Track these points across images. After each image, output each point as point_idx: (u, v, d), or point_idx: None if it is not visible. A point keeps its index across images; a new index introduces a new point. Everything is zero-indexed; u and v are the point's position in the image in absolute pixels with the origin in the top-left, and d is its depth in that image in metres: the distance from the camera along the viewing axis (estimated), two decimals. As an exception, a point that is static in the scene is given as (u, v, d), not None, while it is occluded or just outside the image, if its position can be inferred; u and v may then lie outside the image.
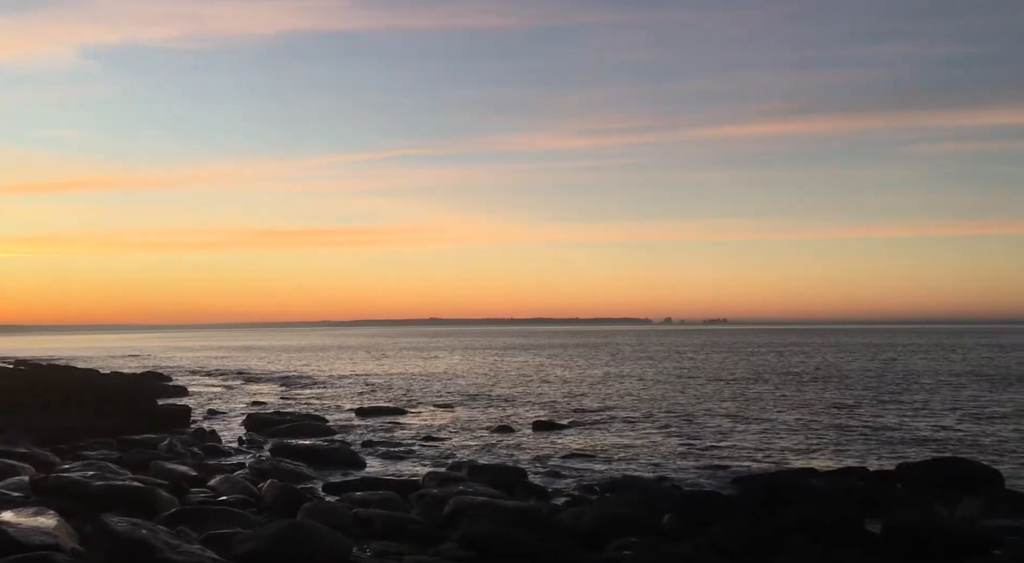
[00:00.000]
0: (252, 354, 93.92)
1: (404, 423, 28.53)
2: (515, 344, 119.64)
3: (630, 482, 16.61)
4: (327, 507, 13.10)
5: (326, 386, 45.93)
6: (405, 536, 11.87)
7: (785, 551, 10.64)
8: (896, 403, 32.82)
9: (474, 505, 13.06)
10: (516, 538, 11.13)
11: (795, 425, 26.57)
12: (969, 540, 10.96)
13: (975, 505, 14.14)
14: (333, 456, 20.18)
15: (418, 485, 16.22)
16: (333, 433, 25.50)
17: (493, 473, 17.17)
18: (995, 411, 29.73)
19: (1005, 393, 36.40)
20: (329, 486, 16.40)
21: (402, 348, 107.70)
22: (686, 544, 11.06)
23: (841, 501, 13.24)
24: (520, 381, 47.53)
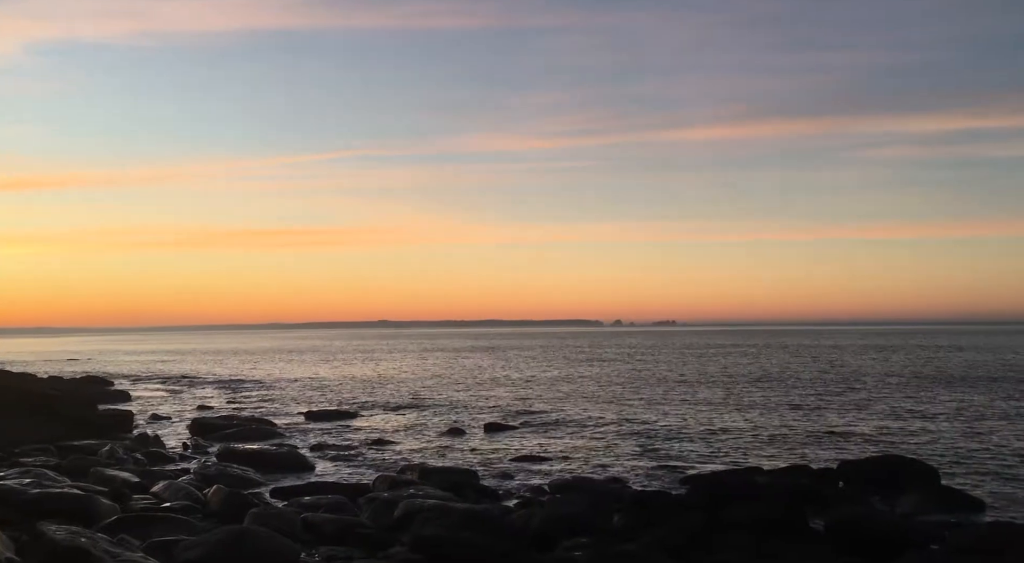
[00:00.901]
0: (198, 357, 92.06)
1: (354, 426, 28.26)
2: (467, 346, 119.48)
3: (580, 483, 16.71)
4: (275, 512, 12.91)
5: (275, 389, 45.26)
6: (354, 540, 11.77)
7: (730, 548, 10.84)
8: (839, 403, 33.64)
9: (425, 508, 13.01)
10: (467, 541, 11.12)
11: (742, 425, 27.05)
12: (906, 535, 11.29)
13: (912, 501, 14.59)
14: (281, 461, 19.90)
15: (368, 489, 16.10)
16: (281, 437, 25.14)
17: (444, 476, 17.12)
18: (933, 410, 30.68)
19: (943, 393, 37.59)
20: (277, 491, 16.16)
21: (352, 351, 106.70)
22: (635, 543, 11.17)
23: (785, 499, 13.51)
24: (472, 383, 47.48)
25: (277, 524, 11.74)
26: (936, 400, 34.07)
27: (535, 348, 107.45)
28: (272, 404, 36.75)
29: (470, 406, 34.60)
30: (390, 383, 48.41)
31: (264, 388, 46.28)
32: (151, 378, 56.25)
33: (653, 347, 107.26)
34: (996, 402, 32.87)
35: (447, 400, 37.34)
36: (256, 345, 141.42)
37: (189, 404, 37.31)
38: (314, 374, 58.39)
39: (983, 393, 36.79)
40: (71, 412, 24.63)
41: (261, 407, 35.44)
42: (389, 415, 31.71)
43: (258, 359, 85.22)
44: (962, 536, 10.97)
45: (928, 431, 25.03)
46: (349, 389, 44.57)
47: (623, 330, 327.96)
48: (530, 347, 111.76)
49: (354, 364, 72.44)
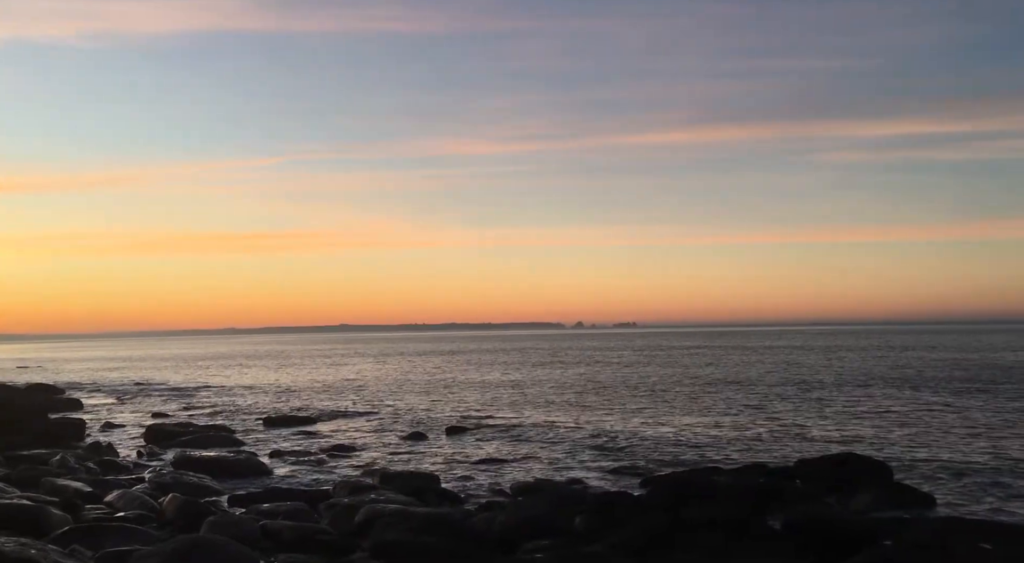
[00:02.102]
0: (153, 364, 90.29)
1: (314, 432, 27.95)
2: (428, 350, 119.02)
3: (542, 485, 16.74)
4: (232, 520, 12.70)
5: (232, 396, 44.56)
6: (315, 547, 11.63)
7: (691, 548, 10.94)
8: (795, 402, 34.20)
9: (386, 513, 12.91)
10: (429, 545, 11.06)
11: (702, 426, 27.36)
12: (860, 532, 11.51)
13: (866, 498, 14.89)
14: (239, 467, 19.59)
15: (328, 495, 15.93)
16: (239, 444, 24.75)
17: (405, 480, 17.02)
18: (886, 409, 31.35)
19: (895, 392, 38.43)
20: (235, 498, 15.90)
21: (312, 355, 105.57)
22: (597, 545, 11.22)
23: (743, 498, 13.69)
24: (432, 387, 47.29)
25: (235, 532, 11.54)
26: (889, 399, 34.83)
27: (496, 351, 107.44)
28: (229, 410, 36.18)
29: (431, 410, 34.46)
30: (350, 388, 48.00)
31: (221, 394, 45.55)
32: (104, 386, 55.00)
33: (614, 349, 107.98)
34: (947, 400, 33.71)
35: (408, 404, 37.13)
36: (213, 350, 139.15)
37: (143, 412, 36.56)
38: (272, 379, 57.64)
39: (934, 391, 37.70)
40: (20, 421, 23.95)
41: (218, 414, 34.87)
42: (349, 420, 31.43)
43: (215, 365, 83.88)
44: (914, 532, 11.21)
45: (881, 429, 25.56)
46: (308, 394, 44.08)
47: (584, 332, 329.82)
48: (491, 350, 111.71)
49: (313, 369, 71.67)
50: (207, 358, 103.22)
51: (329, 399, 40.72)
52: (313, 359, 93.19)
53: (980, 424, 26.09)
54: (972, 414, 28.80)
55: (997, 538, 10.68)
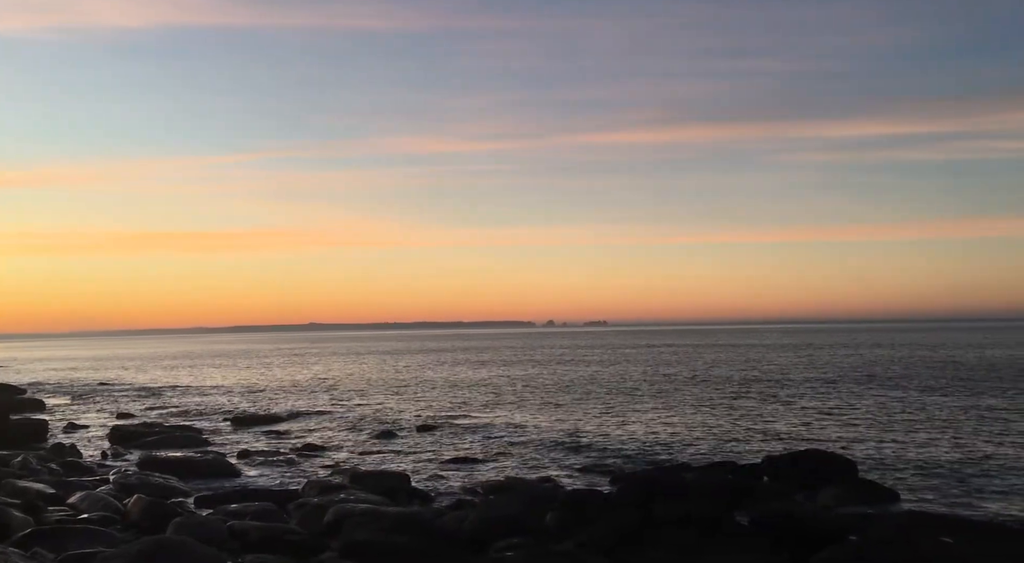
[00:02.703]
0: (119, 364, 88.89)
1: (283, 431, 27.69)
2: (398, 348, 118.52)
3: (513, 484, 16.75)
4: (199, 521, 12.55)
5: (199, 395, 44.01)
6: (283, 547, 11.51)
7: (661, 545, 11.01)
8: (763, 400, 34.57)
9: (356, 513, 12.84)
10: (399, 544, 11.01)
11: (672, 424, 27.56)
12: (827, 528, 11.67)
13: (832, 494, 15.11)
14: (206, 468, 19.36)
15: (297, 495, 15.79)
16: (207, 444, 24.44)
17: (376, 479, 16.93)
18: (851, 406, 31.81)
19: (861, 389, 39.01)
20: (201, 499, 15.70)
21: (281, 354, 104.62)
22: (567, 543, 11.25)
23: (712, 495, 13.81)
24: (403, 386, 47.10)
25: (201, 533, 11.40)
26: (855, 396, 35.34)
27: (467, 350, 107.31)
28: (197, 411, 35.72)
29: (401, 409, 34.31)
30: (319, 387, 47.64)
31: (188, 394, 44.96)
32: (67, 386, 54.00)
33: (585, 348, 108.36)
34: (912, 397, 34.28)
35: (378, 403, 36.94)
36: (180, 350, 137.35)
37: (108, 412, 35.97)
38: (241, 379, 57.03)
39: (899, 389, 38.32)
40: (-20, 422, 23.43)
41: (185, 414, 34.42)
42: (319, 419, 31.19)
43: (182, 364, 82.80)
44: (878, 527, 11.38)
45: (847, 426, 25.93)
46: (277, 394, 43.68)
47: (555, 331, 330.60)
48: (462, 349, 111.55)
49: (283, 368, 71.04)
50: (174, 358, 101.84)
51: (298, 399, 40.38)
52: (282, 358, 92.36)
53: (943, 421, 26.58)
54: (935, 411, 29.32)
55: (959, 532, 10.87)
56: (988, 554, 9.94)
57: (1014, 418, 26.85)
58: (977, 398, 33.33)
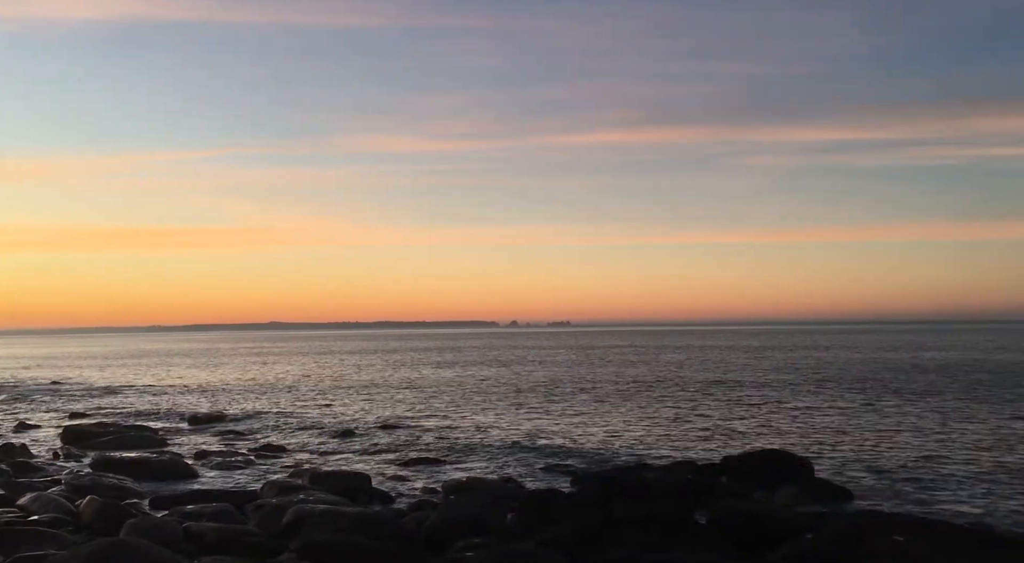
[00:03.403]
0: (73, 362, 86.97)
1: (242, 431, 27.34)
2: (360, 348, 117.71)
3: (474, 484, 16.74)
4: (154, 523, 12.32)
5: (156, 395, 43.24)
6: (240, 549, 11.36)
7: (621, 544, 11.08)
8: (723, 401, 34.99)
9: (315, 513, 12.71)
10: (358, 545, 10.93)
11: (633, 424, 27.77)
12: (783, 526, 11.85)
13: (789, 493, 15.35)
14: (162, 469, 19.02)
15: (256, 496, 15.60)
16: (163, 444, 24.04)
17: (336, 480, 16.79)
18: (807, 406, 32.34)
19: (817, 389, 39.68)
20: (157, 500, 15.44)
21: (241, 353, 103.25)
22: (528, 542, 11.27)
23: (672, 495, 13.94)
24: (364, 386, 46.79)
25: (156, 535, 11.20)
26: (812, 397, 35.94)
27: (430, 350, 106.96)
28: (153, 410, 35.10)
29: (362, 409, 34.09)
30: (280, 386, 47.12)
31: (144, 394, 44.14)
32: (18, 384, 52.66)
33: (548, 348, 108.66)
34: (867, 398, 34.96)
35: (339, 403, 36.66)
36: (136, 348, 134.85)
37: (61, 411, 35.16)
38: (199, 378, 56.18)
39: (855, 390, 39.05)
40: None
41: (141, 413, 33.79)
42: (278, 419, 30.85)
43: (139, 363, 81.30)
44: (833, 525, 11.59)
45: (804, 426, 26.37)
46: (236, 393, 43.10)
47: (519, 331, 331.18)
48: (425, 349, 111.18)
49: (242, 367, 70.13)
50: (130, 356, 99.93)
51: (258, 399, 39.89)
52: (242, 357, 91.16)
53: (898, 422, 27.15)
54: (891, 412, 29.94)
55: (911, 531, 11.13)
56: (938, 552, 10.18)
57: (967, 419, 27.54)
58: (932, 399, 34.10)
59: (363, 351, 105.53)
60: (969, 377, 45.91)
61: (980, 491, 16.28)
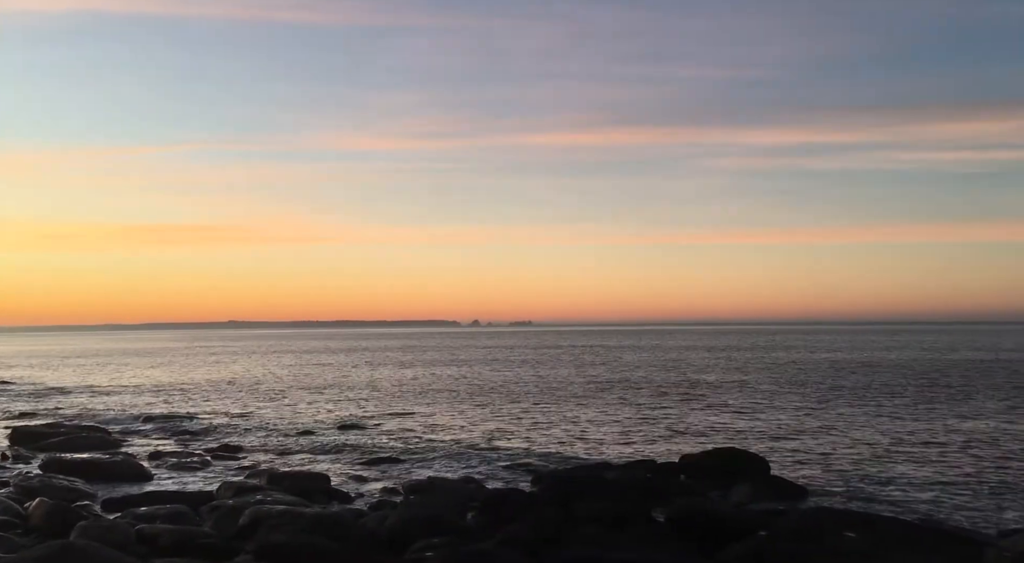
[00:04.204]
0: (23, 361, 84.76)
1: (198, 431, 26.92)
2: (320, 347, 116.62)
3: (435, 483, 16.69)
4: (106, 525, 12.08)
5: (109, 394, 42.35)
6: (195, 551, 11.19)
7: (580, 542, 11.14)
8: (681, 400, 35.38)
9: (273, 514, 12.57)
10: (317, 546, 10.84)
11: (593, 423, 27.93)
12: (738, 523, 12.04)
13: (745, 491, 15.58)
14: (115, 470, 18.65)
15: (211, 497, 15.36)
16: (116, 445, 23.53)
17: (294, 480, 16.64)
18: (764, 405, 32.85)
19: (774, 389, 40.32)
20: (109, 502, 15.13)
21: (198, 352, 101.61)
22: (488, 541, 11.27)
23: (630, 492, 14.08)
24: (324, 385, 46.38)
25: (107, 537, 10.98)
26: (768, 396, 36.50)
27: (391, 349, 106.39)
28: (106, 410, 34.36)
29: (321, 409, 33.79)
30: (237, 386, 46.48)
31: (97, 394, 43.20)
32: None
33: (510, 348, 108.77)
34: (822, 397, 35.62)
35: (297, 403, 36.28)
36: (89, 347, 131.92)
37: (9, 412, 34.23)
38: (154, 378, 55.16)
39: (810, 388, 39.77)
40: None
41: (93, 413, 33.06)
42: (236, 419, 30.43)
43: (92, 362, 79.56)
44: (786, 522, 11.80)
45: (761, 425, 26.78)
46: (193, 393, 42.41)
47: (480, 330, 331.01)
48: (386, 348, 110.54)
49: (199, 367, 69.03)
50: (83, 355, 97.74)
51: (215, 398, 39.30)
52: (199, 357, 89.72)
53: (850, 420, 27.72)
54: (844, 410, 30.55)
55: (861, 527, 11.37)
56: (887, 547, 10.42)
57: (918, 418, 28.21)
58: (885, 399, 34.86)
59: (323, 350, 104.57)
60: (922, 377, 47.04)
61: (929, 488, 16.70)
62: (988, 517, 14.26)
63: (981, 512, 14.62)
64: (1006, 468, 18.61)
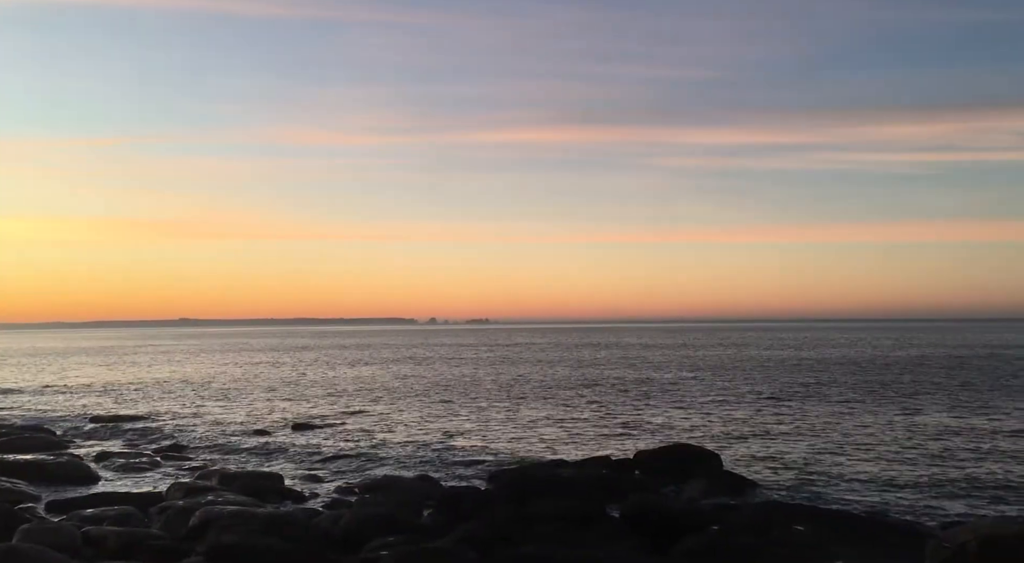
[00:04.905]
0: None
1: (147, 431, 26.38)
2: (274, 345, 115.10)
3: (390, 482, 16.63)
4: (50, 527, 11.78)
5: (55, 394, 41.25)
6: (143, 553, 10.99)
7: (534, 539, 11.19)
8: (637, 397, 35.73)
9: (224, 515, 12.38)
10: (270, 546, 10.71)
11: (549, 421, 28.06)
12: (691, 519, 12.21)
13: (698, 486, 15.82)
14: (60, 472, 18.20)
15: (161, 498, 15.10)
16: (62, 446, 22.95)
17: (246, 480, 16.42)
18: (718, 402, 33.34)
19: (728, 385, 40.94)
20: (54, 504, 14.78)
21: (148, 351, 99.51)
22: (443, 539, 11.26)
23: (586, 489, 14.18)
24: (278, 383, 45.80)
25: (52, 540, 10.72)
26: (722, 392, 37.06)
27: (347, 347, 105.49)
28: (51, 410, 33.48)
29: (275, 408, 33.37)
30: (189, 385, 45.66)
31: (42, 393, 42.06)
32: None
33: (467, 346, 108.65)
34: (772, 392, 36.26)
35: (250, 402, 35.78)
36: (35, 345, 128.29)
37: (-51, 412, 33.16)
38: (102, 377, 53.88)
39: (764, 384, 40.46)
40: None
41: (38, 414, 32.18)
42: (186, 419, 29.89)
43: (37, 361, 77.38)
44: (737, 516, 12.01)
45: (714, 421, 27.17)
46: (142, 392, 41.54)
47: (438, 328, 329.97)
48: (341, 346, 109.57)
49: (149, 366, 67.62)
50: (28, 354, 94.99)
51: (165, 398, 38.55)
52: (149, 355, 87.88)
53: (800, 415, 28.28)
54: (794, 406, 31.15)
55: (810, 520, 11.63)
56: (834, 539, 10.68)
57: (865, 414, 28.90)
58: (834, 395, 35.63)
59: (277, 349, 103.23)
60: (868, 374, 48.19)
61: (876, 483, 17.12)
62: (930, 510, 14.69)
63: (924, 505, 15.06)
64: (948, 463, 19.18)
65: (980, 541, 8.55)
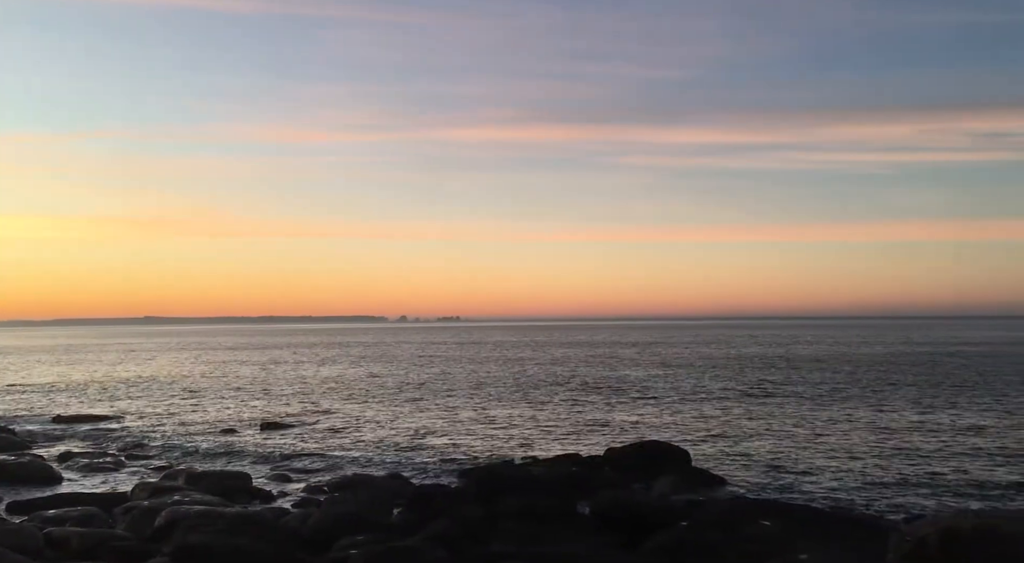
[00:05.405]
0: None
1: (112, 431, 25.96)
2: (243, 343, 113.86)
3: (360, 481, 16.55)
4: (11, 528, 11.55)
5: (16, 394, 40.44)
6: (108, 554, 10.82)
7: (504, 537, 11.21)
8: (608, 394, 35.90)
9: (190, 515, 12.23)
10: (237, 546, 10.60)
11: (520, 419, 28.09)
12: (660, 514, 12.31)
13: (667, 482, 15.95)
14: (21, 472, 17.87)
15: (125, 498, 14.88)
16: (23, 447, 22.51)
17: (214, 479, 16.24)
18: (687, 399, 33.62)
19: (695, 383, 41.30)
20: (15, 505, 14.51)
21: (112, 350, 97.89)
22: (413, 538, 11.22)
23: (556, 486, 14.22)
24: (246, 382, 45.32)
25: (13, 541, 10.51)
26: (692, 389, 37.37)
27: (316, 346, 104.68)
28: (12, 410, 32.81)
29: (244, 405, 33.02)
30: (155, 384, 45.01)
31: (3, 392, 41.20)
32: None
33: (437, 344, 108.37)
34: (740, 390, 36.65)
35: (218, 400, 35.37)
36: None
37: (-95, 412, 32.36)
38: (66, 376, 52.92)
39: (730, 383, 40.87)
40: None
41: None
42: (152, 419, 29.46)
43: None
44: (705, 512, 12.12)
45: (684, 418, 27.40)
46: (107, 392, 40.87)
47: (408, 326, 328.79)
48: (311, 344, 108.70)
49: (113, 364, 66.54)
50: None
51: (130, 396, 37.96)
52: (113, 354, 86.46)
53: (769, 413, 28.61)
54: (762, 403, 31.52)
55: (776, 516, 11.76)
56: (799, 534, 10.81)
57: (830, 410, 29.31)
58: (801, 392, 36.09)
59: (245, 347, 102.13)
60: (835, 371, 48.90)
61: (841, 478, 17.39)
62: (894, 504, 14.96)
63: (888, 499, 15.33)
64: (912, 458, 19.53)
65: (940, 534, 8.72)
